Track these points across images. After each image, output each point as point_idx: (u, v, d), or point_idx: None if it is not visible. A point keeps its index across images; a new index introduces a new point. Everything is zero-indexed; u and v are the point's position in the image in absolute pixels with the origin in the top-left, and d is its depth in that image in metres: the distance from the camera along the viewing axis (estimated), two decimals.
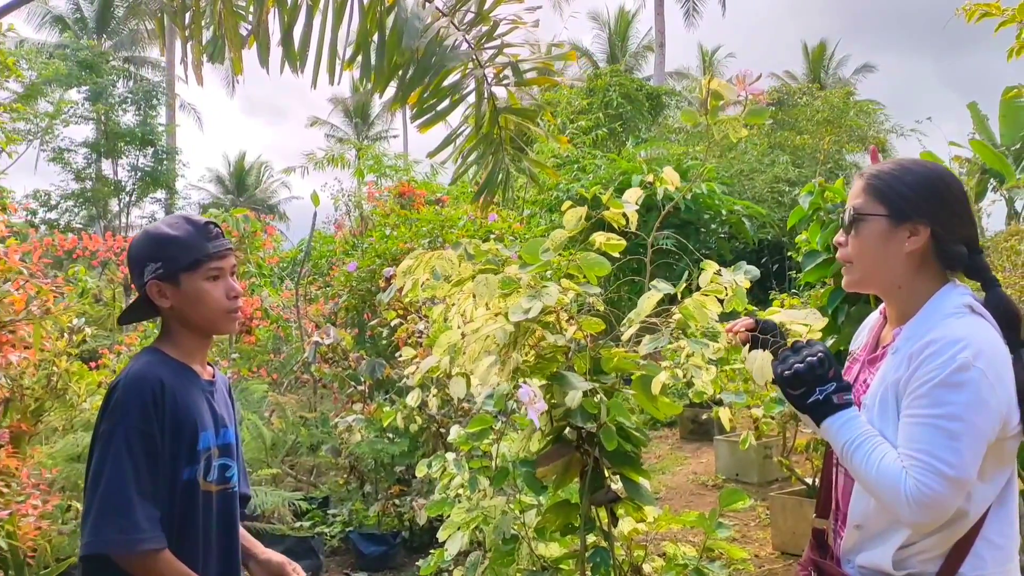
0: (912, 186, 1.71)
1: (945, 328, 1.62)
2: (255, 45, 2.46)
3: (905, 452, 1.57)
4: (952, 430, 1.54)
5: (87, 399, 4.26)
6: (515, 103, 2.62)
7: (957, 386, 1.55)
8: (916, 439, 1.57)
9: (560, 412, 2.53)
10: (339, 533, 5.69)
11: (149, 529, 1.76)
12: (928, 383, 1.58)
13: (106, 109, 21.82)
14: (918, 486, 1.53)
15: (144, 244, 1.97)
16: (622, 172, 12.55)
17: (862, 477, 1.61)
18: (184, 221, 2.00)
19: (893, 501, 1.55)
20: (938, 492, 1.52)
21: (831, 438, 1.65)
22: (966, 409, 1.55)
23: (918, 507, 1.53)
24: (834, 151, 19.12)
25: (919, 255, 1.70)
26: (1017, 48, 3.99)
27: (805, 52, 35.15)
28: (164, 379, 1.86)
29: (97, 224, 23.43)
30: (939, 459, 1.53)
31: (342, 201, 11.48)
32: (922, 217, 1.69)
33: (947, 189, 1.71)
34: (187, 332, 1.99)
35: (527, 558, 2.62)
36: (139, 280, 1.96)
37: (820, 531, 1.88)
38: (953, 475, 1.53)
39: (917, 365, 1.61)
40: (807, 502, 5.33)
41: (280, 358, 8.68)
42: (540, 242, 2.60)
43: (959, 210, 1.71)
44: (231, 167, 43.30)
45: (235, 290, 2.00)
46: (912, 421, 1.59)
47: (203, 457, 1.91)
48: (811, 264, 3.43)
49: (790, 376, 1.67)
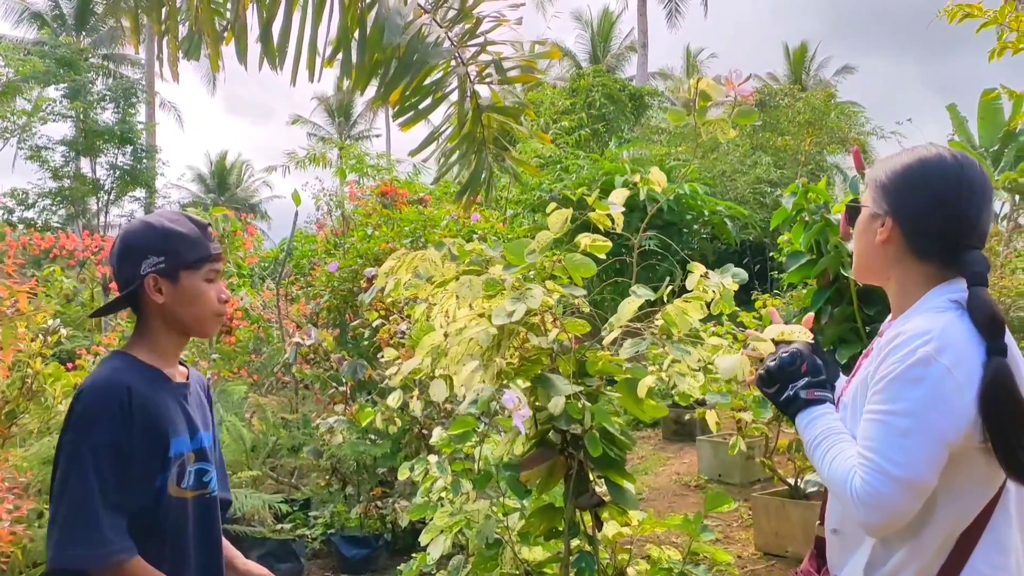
0: (889, 175, 1.67)
1: (919, 319, 1.54)
2: (233, 41, 2.43)
3: (859, 449, 1.51)
4: (902, 427, 1.46)
5: (63, 401, 4.18)
6: (498, 102, 2.59)
7: (915, 381, 1.46)
8: (867, 436, 1.50)
9: (544, 415, 2.50)
10: (320, 536, 5.63)
11: (116, 540, 1.71)
12: (886, 377, 1.51)
13: (85, 107, 21.57)
14: (863, 485, 1.46)
15: (147, 236, 1.91)
16: (605, 173, 12.55)
17: (822, 476, 1.56)
18: (187, 219, 1.96)
19: (844, 501, 1.51)
20: (883, 492, 1.44)
21: (801, 435, 1.63)
22: (921, 406, 1.45)
23: (864, 507, 1.46)
24: (815, 152, 19.24)
25: (893, 246, 1.65)
26: (999, 49, 3.99)
27: (787, 53, 35.35)
28: (132, 385, 1.79)
29: (75, 223, 23.18)
30: (886, 457, 1.45)
31: (324, 200, 11.40)
32: (889, 208, 1.65)
33: (924, 179, 1.63)
34: (167, 332, 1.93)
35: (510, 562, 2.59)
36: (133, 271, 1.88)
37: (821, 539, 1.80)
38: (900, 475, 1.44)
39: (883, 357, 1.54)
40: (790, 503, 5.34)
41: (261, 359, 8.60)
42: (525, 243, 2.57)
43: (934, 203, 1.61)
44: (212, 166, 43.06)
45: (225, 293, 1.97)
46: (867, 417, 1.53)
47: (176, 464, 1.85)
48: (794, 265, 3.42)
49: (763, 376, 1.68)
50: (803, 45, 35.03)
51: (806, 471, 5.36)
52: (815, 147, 18.88)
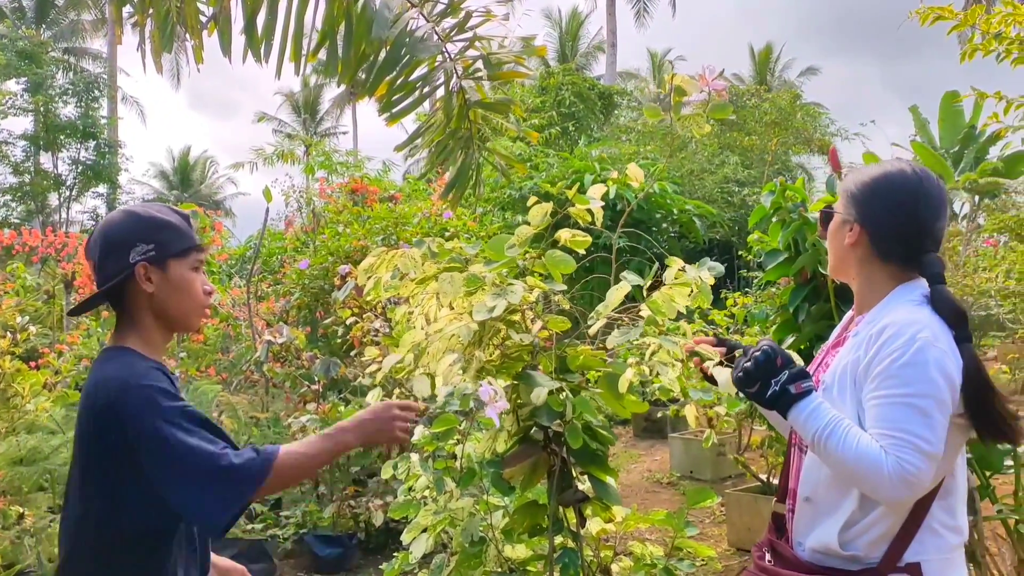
0: (858, 186, 1.86)
1: (901, 312, 1.72)
2: (215, 33, 2.39)
3: (880, 432, 1.63)
4: (923, 407, 1.61)
5: (31, 400, 4.10)
6: (484, 97, 2.58)
7: (923, 365, 1.63)
8: (890, 418, 1.63)
9: (527, 412, 2.50)
10: (293, 535, 5.57)
11: (247, 462, 1.70)
12: (895, 363, 1.65)
13: (46, 101, 21.17)
14: (900, 463, 1.58)
15: (133, 225, 1.87)
16: (574, 171, 12.59)
17: (839, 461, 1.64)
18: (169, 209, 1.94)
19: (875, 481, 1.60)
20: (919, 468, 1.58)
21: (799, 427, 1.70)
22: (934, 387, 1.62)
23: (901, 484, 1.58)
24: (781, 152, 19.44)
25: (860, 249, 1.85)
26: (970, 51, 4.06)
27: (752, 55, 35.69)
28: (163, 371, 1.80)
29: (35, 219, 22.74)
30: (916, 436, 1.60)
31: (293, 198, 11.29)
32: (856, 214, 1.85)
33: (888, 190, 1.83)
34: (157, 325, 1.89)
35: (494, 560, 2.58)
36: (120, 262, 1.83)
37: (779, 515, 1.95)
38: (930, 450, 1.60)
39: (878, 347, 1.69)
40: (762, 498, 5.38)
41: (229, 357, 8.51)
42: (504, 239, 2.57)
43: (896, 211, 1.81)
44: (175, 162, 42.48)
45: (209, 285, 1.94)
46: (884, 401, 1.65)
47: None
48: (772, 263, 3.44)
49: (742, 377, 1.75)
50: (768, 46, 35.40)
51: (779, 468, 5.41)
52: (781, 147, 19.09)
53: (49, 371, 5.36)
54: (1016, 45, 4.15)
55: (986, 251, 11.75)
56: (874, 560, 1.70)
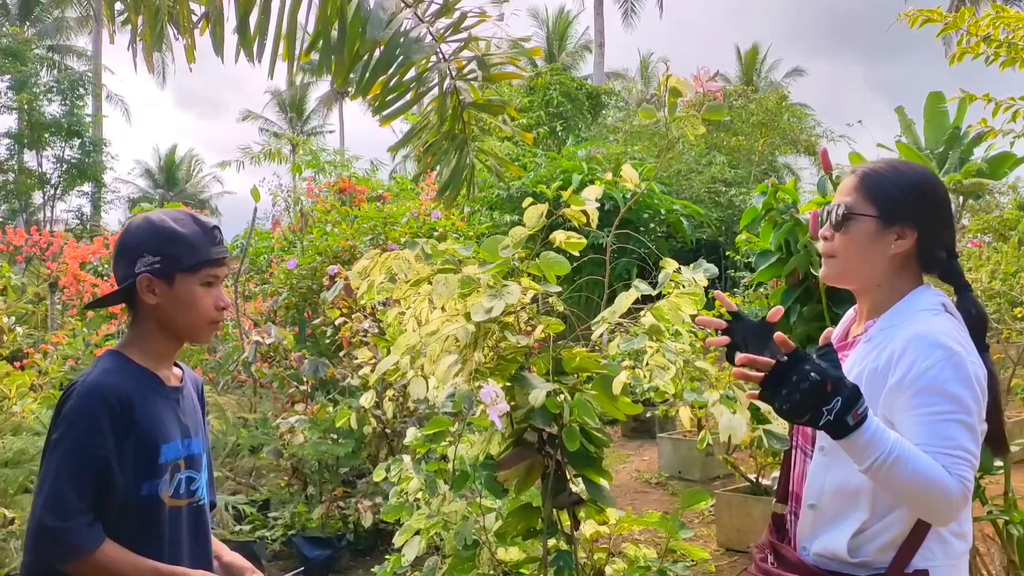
0: (904, 189, 1.73)
1: (926, 323, 1.65)
2: (208, 31, 2.36)
3: (938, 451, 1.55)
4: (970, 423, 1.57)
5: (17, 401, 4.05)
6: (478, 98, 2.57)
7: (966, 380, 1.58)
8: (945, 436, 1.56)
9: (521, 414, 2.49)
10: (281, 537, 5.54)
11: (89, 538, 1.69)
12: (937, 379, 1.58)
13: (30, 98, 20.99)
14: (963, 483, 1.53)
15: (145, 234, 1.85)
16: (562, 171, 12.59)
17: (905, 485, 1.53)
18: (191, 220, 1.89)
19: (944, 504, 1.54)
20: (971, 485, 1.55)
21: (855, 452, 1.53)
22: (975, 402, 1.59)
23: (963, 503, 1.56)
24: (768, 153, 19.52)
25: (902, 257, 1.73)
26: (959, 54, 4.08)
27: (738, 55, 35.81)
28: (123, 389, 1.75)
29: (19, 218, 22.56)
30: (970, 453, 1.56)
31: (281, 197, 11.24)
32: (910, 221, 1.71)
33: (935, 194, 1.75)
34: (162, 334, 1.88)
35: (487, 563, 2.57)
36: (128, 269, 1.83)
37: (779, 516, 1.90)
38: (976, 463, 1.57)
39: (912, 360, 1.61)
40: (752, 499, 5.39)
41: (217, 357, 8.45)
42: (498, 240, 2.55)
43: (944, 216, 1.75)
44: (161, 160, 42.23)
45: (224, 301, 1.90)
46: (934, 419, 1.57)
47: (166, 471, 1.81)
48: (764, 263, 3.44)
49: (790, 409, 1.54)
50: (755, 47, 35.52)
51: (768, 468, 5.42)
52: (768, 148, 19.17)
53: (35, 372, 5.31)
54: (1004, 48, 4.18)
55: (971, 252, 11.83)
56: (882, 566, 1.66)
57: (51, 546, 1.67)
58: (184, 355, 8.31)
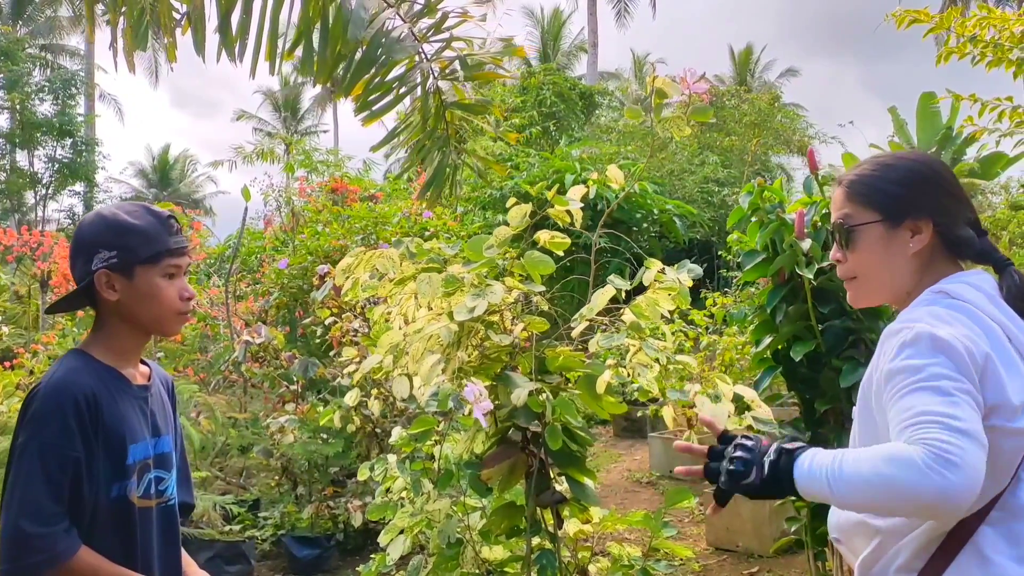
0: (901, 181, 1.56)
1: (899, 317, 1.50)
2: (189, 31, 2.36)
3: (900, 427, 1.32)
4: (936, 386, 1.32)
5: (4, 401, 4.05)
6: (462, 98, 2.57)
7: (926, 351, 1.36)
8: (905, 408, 1.33)
9: (504, 413, 2.49)
10: (271, 536, 5.54)
11: (65, 543, 1.66)
12: (897, 357, 1.39)
13: (22, 98, 20.92)
14: (929, 446, 1.25)
15: (99, 229, 1.81)
16: (555, 171, 12.60)
17: (865, 482, 1.30)
18: (145, 211, 1.85)
19: (914, 477, 1.24)
20: (957, 444, 1.25)
21: (809, 482, 1.36)
22: (945, 367, 1.34)
23: (945, 466, 1.23)
24: (761, 153, 19.55)
25: (926, 252, 1.54)
26: (946, 54, 4.09)
27: (732, 56, 35.85)
28: (87, 388, 1.71)
29: (11, 218, 22.48)
30: (939, 414, 1.29)
31: (272, 196, 11.23)
32: (920, 212, 1.54)
33: (938, 175, 1.57)
34: (127, 330, 1.84)
35: (471, 561, 2.58)
36: (85, 267, 1.79)
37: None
38: (963, 427, 1.27)
39: (879, 355, 1.47)
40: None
41: (207, 357, 8.44)
42: (483, 239, 2.56)
43: (955, 192, 1.56)
44: (155, 160, 42.12)
45: (188, 291, 1.87)
46: (896, 397, 1.37)
47: (135, 471, 1.78)
48: (751, 263, 3.45)
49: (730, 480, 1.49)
50: (748, 47, 35.56)
51: None
52: (760, 148, 19.19)
53: (23, 371, 5.30)
54: (991, 48, 4.20)
55: None
56: None
57: (31, 553, 1.63)
58: (174, 355, 8.32)
